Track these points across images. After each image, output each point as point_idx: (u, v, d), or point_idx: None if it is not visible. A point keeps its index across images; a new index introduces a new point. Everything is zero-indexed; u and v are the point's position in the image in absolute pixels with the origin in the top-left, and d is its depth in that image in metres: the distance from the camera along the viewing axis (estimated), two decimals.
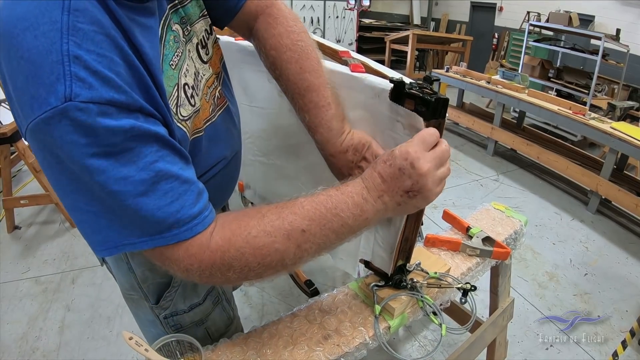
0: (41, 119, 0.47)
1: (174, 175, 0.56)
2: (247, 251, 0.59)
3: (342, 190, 0.65)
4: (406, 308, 0.95)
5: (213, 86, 0.82)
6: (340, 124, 0.79)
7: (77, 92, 0.47)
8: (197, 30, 0.77)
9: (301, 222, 0.61)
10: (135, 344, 0.66)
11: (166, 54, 0.65)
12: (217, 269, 0.59)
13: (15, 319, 2.09)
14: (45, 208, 3.12)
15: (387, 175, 0.64)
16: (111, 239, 0.56)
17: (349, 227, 0.64)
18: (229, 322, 1.04)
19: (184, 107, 0.67)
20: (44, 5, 0.48)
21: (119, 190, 0.52)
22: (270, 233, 0.60)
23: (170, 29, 0.68)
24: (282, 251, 0.60)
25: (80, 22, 0.49)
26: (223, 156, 0.84)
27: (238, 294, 2.29)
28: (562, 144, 4.10)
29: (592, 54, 4.63)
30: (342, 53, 0.96)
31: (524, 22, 6.88)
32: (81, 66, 0.48)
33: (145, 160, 0.53)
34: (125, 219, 0.54)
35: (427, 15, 9.76)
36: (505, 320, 1.48)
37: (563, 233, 3.09)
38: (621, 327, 2.18)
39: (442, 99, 0.69)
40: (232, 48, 1.18)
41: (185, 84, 0.69)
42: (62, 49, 0.47)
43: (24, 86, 0.48)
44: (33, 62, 0.47)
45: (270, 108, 1.13)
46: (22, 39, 0.48)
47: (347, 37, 7.61)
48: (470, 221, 1.31)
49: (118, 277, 0.91)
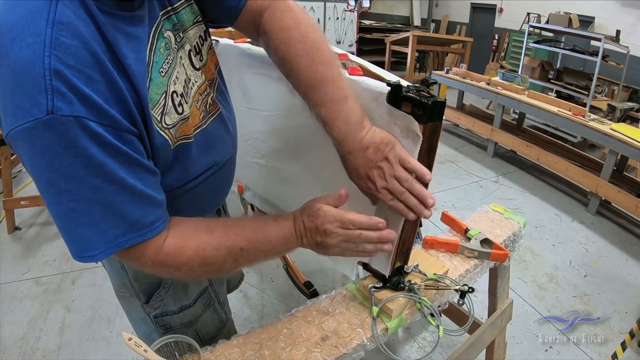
0: (24, 127, 0.50)
1: (136, 189, 0.60)
2: (194, 260, 0.68)
3: (278, 223, 0.75)
4: (404, 310, 0.95)
5: (205, 93, 0.82)
6: (360, 118, 0.74)
7: (59, 106, 0.49)
8: (191, 37, 0.78)
9: (241, 242, 0.71)
10: (135, 345, 0.66)
11: (156, 61, 0.66)
12: (167, 269, 0.68)
13: (16, 320, 2.09)
14: (45, 209, 3.11)
15: (307, 228, 0.74)
16: (79, 247, 0.59)
17: (276, 251, 0.77)
18: (221, 325, 1.05)
19: (170, 115, 0.69)
20: (30, 17, 0.50)
21: (90, 197, 0.56)
22: (216, 248, 0.69)
23: (162, 35, 0.69)
24: (222, 263, 0.70)
25: (63, 36, 0.50)
26: (214, 162, 0.85)
27: (237, 295, 2.30)
28: (562, 146, 4.10)
29: (592, 55, 4.64)
30: (340, 56, 0.97)
31: (524, 23, 6.88)
32: (61, 81, 0.50)
33: (114, 174, 0.56)
34: (90, 227, 0.58)
35: (427, 16, 9.77)
36: (504, 321, 1.48)
37: (563, 234, 3.09)
38: (621, 328, 2.18)
39: (438, 102, 0.70)
40: (231, 51, 1.19)
41: (174, 92, 0.70)
42: (45, 62, 0.49)
43: (10, 95, 0.51)
44: (18, 72, 0.49)
45: (268, 111, 1.14)
46: (10, 49, 0.50)
47: (347, 38, 7.61)
48: (469, 223, 1.31)
49: (111, 275, 0.93)
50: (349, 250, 0.76)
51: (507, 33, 7.37)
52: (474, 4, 8.61)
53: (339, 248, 0.75)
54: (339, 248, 0.75)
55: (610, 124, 3.33)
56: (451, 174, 4.05)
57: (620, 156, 3.35)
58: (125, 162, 0.58)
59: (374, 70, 0.97)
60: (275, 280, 2.43)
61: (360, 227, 0.73)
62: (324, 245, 0.74)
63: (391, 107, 0.77)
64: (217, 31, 1.99)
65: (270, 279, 2.44)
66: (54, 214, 0.58)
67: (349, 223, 0.72)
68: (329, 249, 0.75)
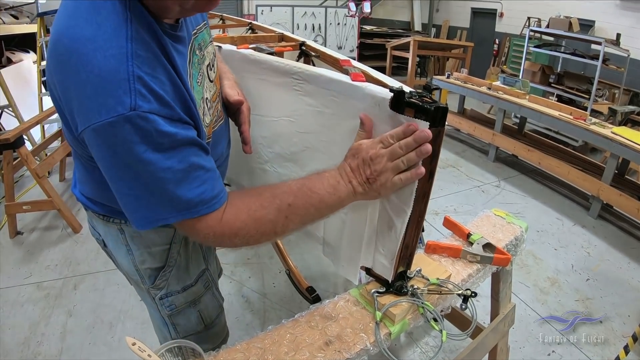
0: (108, 122, 0.60)
1: (201, 166, 0.72)
2: (249, 223, 0.76)
3: (321, 174, 0.81)
4: (407, 314, 0.95)
5: (216, 101, 0.95)
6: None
7: (140, 104, 0.61)
8: (208, 53, 0.91)
9: (288, 197, 0.77)
10: (139, 350, 0.66)
11: (193, 73, 0.80)
12: (227, 237, 0.76)
13: (17, 324, 2.10)
14: (47, 214, 3.13)
15: (354, 165, 0.80)
16: (149, 216, 0.71)
17: (325, 203, 0.79)
18: (220, 310, 1.19)
19: (207, 116, 0.84)
20: (111, 32, 0.61)
21: (163, 177, 0.66)
22: (265, 207, 0.76)
23: (195, 52, 0.83)
24: (275, 221, 0.76)
25: (140, 49, 0.63)
26: (217, 158, 0.95)
27: (239, 300, 2.30)
28: (563, 150, 4.10)
29: (593, 59, 4.65)
30: (343, 62, 0.98)
31: (524, 27, 6.89)
32: (142, 85, 0.61)
33: (182, 155, 0.68)
34: (163, 199, 0.69)
35: (428, 21, 9.80)
36: (506, 326, 1.48)
37: (565, 238, 3.08)
38: (623, 331, 2.17)
39: (441, 107, 0.71)
40: (234, 56, 1.19)
41: (206, 98, 0.86)
42: (129, 70, 0.60)
43: (93, 94, 0.60)
44: (104, 77, 0.60)
45: (271, 116, 1.14)
46: (93, 57, 0.60)
47: (349, 43, 7.64)
48: (471, 228, 1.31)
49: (118, 261, 1.02)
50: (398, 169, 0.78)
51: (508, 37, 7.39)
52: (474, 9, 8.64)
53: (388, 172, 0.78)
54: (388, 172, 0.78)
55: (612, 128, 3.33)
56: (453, 178, 4.05)
57: (622, 159, 3.35)
58: (189, 145, 0.69)
59: (376, 76, 0.97)
60: (277, 286, 2.43)
61: (398, 138, 0.76)
62: (374, 175, 0.78)
63: (394, 113, 0.77)
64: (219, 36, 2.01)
65: (272, 284, 2.44)
66: (127, 190, 0.69)
67: (387, 138, 0.77)
68: (381, 177, 0.78)
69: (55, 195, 2.81)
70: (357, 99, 0.86)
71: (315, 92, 0.98)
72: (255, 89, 1.15)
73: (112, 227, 0.95)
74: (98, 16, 0.62)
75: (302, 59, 1.68)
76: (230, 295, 2.32)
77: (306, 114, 1.02)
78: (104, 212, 0.92)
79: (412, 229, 0.87)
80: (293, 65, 1.02)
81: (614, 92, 5.21)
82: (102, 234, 0.99)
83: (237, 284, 2.42)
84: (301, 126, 1.07)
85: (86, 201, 0.94)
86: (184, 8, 0.67)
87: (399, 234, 0.88)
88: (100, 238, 1.01)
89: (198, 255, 1.07)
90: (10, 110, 3.87)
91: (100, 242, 1.03)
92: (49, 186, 2.79)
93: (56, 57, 0.64)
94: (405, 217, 0.85)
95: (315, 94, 0.98)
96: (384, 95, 0.79)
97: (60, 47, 0.63)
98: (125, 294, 2.30)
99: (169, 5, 0.66)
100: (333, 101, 0.94)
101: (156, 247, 0.97)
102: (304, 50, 1.66)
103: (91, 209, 0.94)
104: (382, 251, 0.96)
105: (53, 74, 0.66)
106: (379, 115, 0.81)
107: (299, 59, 1.67)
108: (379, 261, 0.98)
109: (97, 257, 2.62)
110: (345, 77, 0.90)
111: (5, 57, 4.61)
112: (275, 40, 1.92)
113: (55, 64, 0.65)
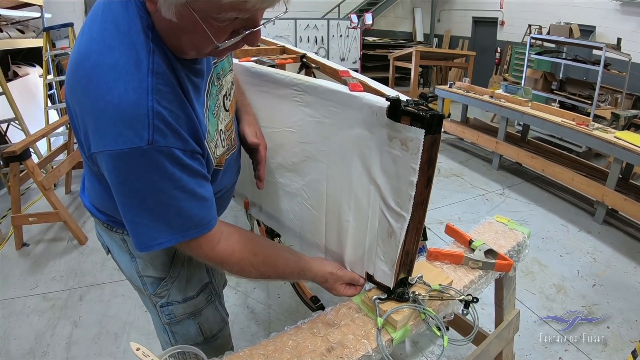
0: (124, 151, 0.63)
1: (203, 196, 0.77)
2: (235, 267, 0.86)
3: (314, 271, 1.01)
4: (409, 321, 0.96)
5: (230, 130, 0.97)
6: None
7: (157, 139, 0.64)
8: (227, 82, 0.94)
9: (272, 274, 0.93)
10: (142, 355, 0.67)
11: (210, 105, 0.83)
12: (216, 264, 0.86)
13: (23, 335, 2.11)
14: (53, 226, 3.16)
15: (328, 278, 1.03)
16: (148, 238, 0.74)
17: (296, 278, 1.06)
18: (223, 324, 1.20)
19: (219, 148, 0.87)
20: (133, 63, 0.63)
21: (169, 204, 0.71)
22: (254, 267, 0.88)
23: (213, 83, 0.85)
24: (254, 277, 0.90)
25: (160, 83, 0.65)
26: (224, 186, 1.01)
27: (244, 311, 2.30)
28: (566, 156, 4.09)
29: (594, 64, 4.65)
30: (341, 73, 0.99)
31: (525, 35, 6.93)
32: (160, 120, 0.64)
33: (189, 186, 0.73)
34: (163, 224, 0.73)
35: (429, 31, 9.86)
36: (511, 332, 1.47)
37: (570, 245, 3.06)
38: (631, 337, 2.15)
39: (436, 115, 0.72)
40: (236, 69, 1.22)
41: (220, 130, 0.89)
42: (149, 105, 0.63)
43: (111, 123, 0.63)
44: (123, 110, 0.62)
45: (273, 127, 1.16)
46: (113, 87, 0.62)
47: (351, 55, 7.70)
48: (473, 234, 1.32)
49: (122, 267, 1.05)
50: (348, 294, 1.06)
51: (510, 46, 7.43)
52: (475, 18, 8.69)
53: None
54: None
55: (615, 132, 3.32)
56: (457, 187, 4.05)
57: (626, 164, 3.33)
58: (195, 176, 0.74)
59: (374, 86, 0.99)
60: (282, 296, 2.43)
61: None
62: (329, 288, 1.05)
63: (391, 121, 0.79)
64: None
65: (277, 295, 2.44)
66: (131, 213, 0.72)
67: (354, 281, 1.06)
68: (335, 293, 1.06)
69: (61, 207, 2.84)
70: (355, 108, 0.88)
71: (315, 102, 1.00)
72: (257, 101, 1.17)
73: (116, 237, 0.97)
74: (121, 44, 0.64)
75: (303, 70, 1.70)
76: (235, 307, 2.32)
77: (307, 124, 1.04)
78: (108, 222, 0.94)
79: (412, 236, 0.88)
80: (293, 77, 1.04)
81: (616, 97, 5.20)
82: (107, 241, 1.02)
83: (242, 295, 2.43)
84: (302, 136, 1.08)
85: (92, 208, 0.96)
86: (201, 53, 0.70)
87: (399, 241, 0.89)
88: (105, 244, 1.04)
89: (201, 268, 1.09)
90: (17, 123, 3.93)
91: (105, 247, 1.06)
92: (55, 198, 2.82)
93: (77, 78, 0.66)
94: (404, 223, 0.86)
95: (315, 105, 1.00)
96: (381, 104, 0.81)
97: (81, 70, 0.65)
98: (130, 305, 2.31)
99: (186, 50, 0.68)
100: (332, 111, 0.96)
101: (159, 258, 0.99)
102: (305, 62, 1.69)
103: (96, 216, 0.96)
104: (382, 258, 0.97)
105: (72, 92, 0.68)
106: (376, 124, 0.83)
107: (300, 70, 1.70)
108: (380, 268, 0.98)
109: (102, 269, 2.64)
110: (343, 88, 0.92)
111: (12, 70, 4.69)
112: (277, 53, 1.95)
113: (74, 84, 0.67)
